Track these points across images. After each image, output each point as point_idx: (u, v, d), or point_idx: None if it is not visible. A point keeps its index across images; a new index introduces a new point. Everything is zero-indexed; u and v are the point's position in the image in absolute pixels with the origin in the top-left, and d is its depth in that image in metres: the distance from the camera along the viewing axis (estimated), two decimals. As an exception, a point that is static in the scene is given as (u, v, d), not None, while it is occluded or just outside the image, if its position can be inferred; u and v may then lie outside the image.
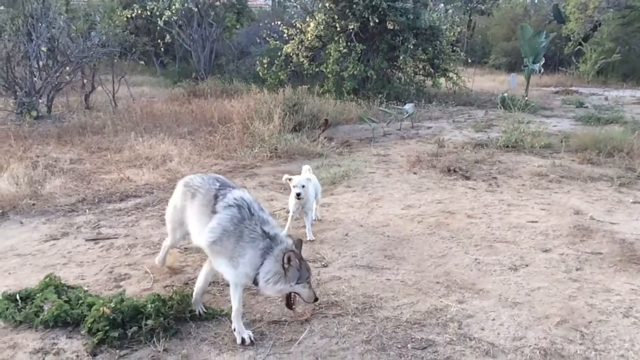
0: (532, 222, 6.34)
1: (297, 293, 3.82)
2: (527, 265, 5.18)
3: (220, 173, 8.40)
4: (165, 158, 9.14)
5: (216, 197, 4.02)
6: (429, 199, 7.25)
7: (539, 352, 3.80)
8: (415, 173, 8.60)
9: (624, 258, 5.28)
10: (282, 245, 3.78)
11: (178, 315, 4.12)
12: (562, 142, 10.27)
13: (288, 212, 6.70)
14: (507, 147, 10.17)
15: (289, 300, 3.94)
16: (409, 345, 3.90)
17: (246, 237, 3.79)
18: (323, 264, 5.29)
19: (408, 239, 5.89)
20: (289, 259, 3.64)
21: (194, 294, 4.25)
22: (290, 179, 5.89)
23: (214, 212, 3.94)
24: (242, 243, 3.78)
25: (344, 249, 5.64)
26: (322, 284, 4.87)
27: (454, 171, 8.52)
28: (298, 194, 5.78)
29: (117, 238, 5.92)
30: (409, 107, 13.28)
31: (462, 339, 3.99)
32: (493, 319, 4.25)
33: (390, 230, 6.15)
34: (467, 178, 8.25)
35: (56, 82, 13.60)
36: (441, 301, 4.53)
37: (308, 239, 5.81)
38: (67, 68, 13.63)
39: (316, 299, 3.94)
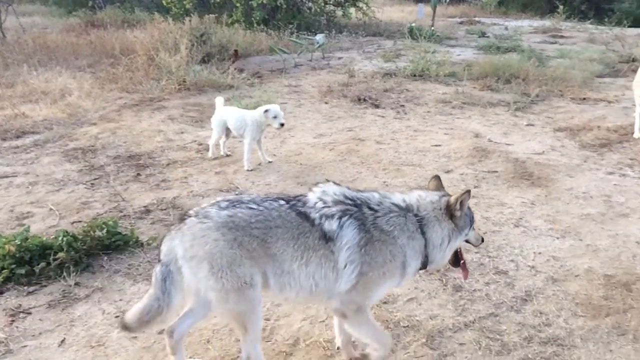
0: (436, 145, 6.67)
1: (467, 241, 3.00)
2: (431, 186, 5.49)
3: (126, 107, 8.10)
4: (63, 92, 8.60)
5: (305, 217, 2.67)
6: (340, 128, 7.40)
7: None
8: (326, 103, 8.68)
9: (517, 175, 5.73)
10: (428, 201, 2.85)
11: (90, 249, 4.04)
12: (465, 70, 10.68)
13: (200, 144, 6.64)
14: (414, 76, 10.46)
15: (458, 255, 3.04)
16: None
17: (394, 234, 2.72)
18: (237, 193, 5.32)
19: (320, 166, 6.03)
20: (461, 204, 2.78)
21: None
22: (267, 110, 5.79)
23: (326, 240, 2.65)
24: (396, 243, 2.72)
25: (258, 178, 5.69)
26: (236, 212, 4.92)
27: (364, 100, 8.69)
28: (282, 124, 5.82)
29: (16, 176, 5.61)
30: (319, 37, 13.18)
31: (371, 255, 4.22)
32: (400, 236, 4.52)
33: (302, 159, 6.26)
34: (377, 106, 8.45)
35: None
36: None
37: (246, 168, 5.94)
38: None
39: (482, 240, 3.13)
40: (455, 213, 2.80)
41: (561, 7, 19.67)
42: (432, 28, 16.07)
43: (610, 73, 11.20)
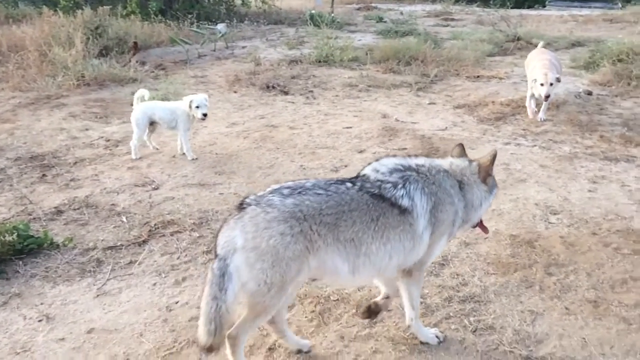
0: (347, 128, 6.87)
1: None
2: (346, 166, 5.68)
3: (21, 106, 7.63)
4: (-53, 95, 7.92)
5: (381, 198, 2.71)
6: (251, 115, 7.41)
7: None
8: (235, 92, 8.64)
9: (425, 150, 6.05)
10: (462, 166, 3.01)
11: (1, 255, 3.83)
12: (367, 54, 11.01)
13: (107, 140, 6.41)
14: (319, 62, 10.63)
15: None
16: (248, 249, 4.13)
17: (451, 194, 2.90)
18: (153, 187, 5.22)
19: (236, 154, 6.03)
20: (492, 167, 3.03)
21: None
22: (191, 100, 5.68)
23: (403, 214, 2.73)
24: (453, 203, 2.90)
25: (174, 170, 5.60)
26: (155, 205, 4.84)
27: (273, 87, 8.74)
28: (205, 115, 5.72)
29: None
30: (221, 27, 13.03)
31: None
32: (321, 216, 4.66)
33: (217, 148, 6.22)
34: (286, 93, 8.54)
35: None
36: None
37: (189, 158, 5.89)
38: None
39: None
40: (487, 176, 3.02)
41: (450, -9, 20.73)
42: (332, 15, 16.35)
43: (499, 52, 12.01)
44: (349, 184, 2.72)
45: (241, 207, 2.59)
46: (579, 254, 4.03)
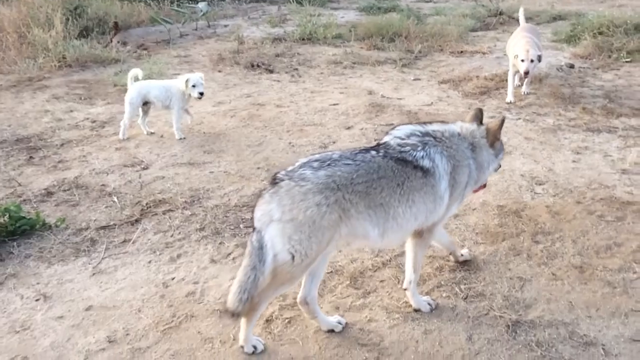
0: (334, 104, 6.90)
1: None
2: (334, 142, 5.72)
3: (2, 89, 7.53)
4: None
5: (404, 162, 2.83)
6: (237, 94, 7.40)
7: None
8: (220, 71, 8.59)
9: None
10: (471, 130, 3.15)
11: (-7, 237, 3.84)
12: (350, 31, 10.97)
13: (93, 122, 6.37)
14: (303, 39, 10.58)
15: None
16: (241, 225, 4.19)
17: (467, 156, 3.06)
18: (143, 166, 5.22)
19: (224, 133, 6.04)
20: (499, 131, 3.18)
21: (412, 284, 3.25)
22: (187, 79, 5.71)
23: (426, 177, 2.87)
24: (469, 165, 3.06)
25: (162, 150, 5.60)
26: (145, 185, 4.85)
27: (257, 66, 8.71)
28: (202, 94, 5.75)
29: None
30: (202, 5, 12.83)
31: (288, 211, 4.38)
32: (312, 191, 4.71)
33: (205, 127, 6.22)
34: (271, 71, 8.51)
35: None
36: (264, 183, 4.84)
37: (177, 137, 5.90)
38: None
39: (499, 166, 3.45)
40: (495, 140, 3.17)
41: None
42: (314, -9, 16.19)
43: (482, 27, 12.03)
44: (373, 152, 2.83)
45: (274, 181, 2.68)
46: (565, 222, 4.14)
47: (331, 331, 3.07)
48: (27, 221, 4.04)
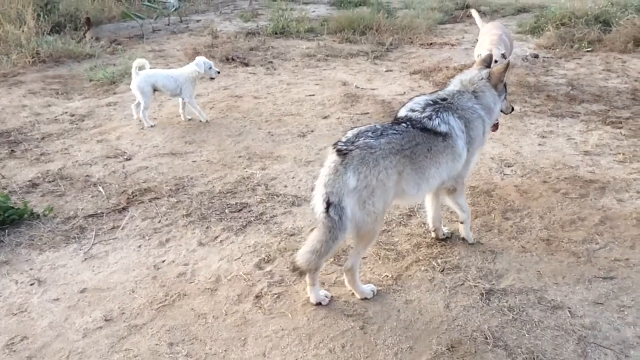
0: (311, 96, 7.07)
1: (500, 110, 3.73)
2: (312, 131, 5.90)
3: (-23, 85, 7.45)
4: None
5: (428, 130, 3.23)
6: (215, 87, 7.51)
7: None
8: (195, 65, 8.66)
9: (386, 114, 6.33)
10: (470, 77, 3.55)
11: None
12: (323, 25, 11.14)
13: (72, 115, 6.42)
14: (277, 33, 10.71)
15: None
16: (226, 211, 4.34)
17: (477, 110, 3.45)
18: (126, 157, 5.32)
19: (204, 124, 6.16)
20: (502, 73, 3.53)
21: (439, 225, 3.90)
22: (205, 62, 6.05)
23: (446, 140, 3.27)
24: (480, 117, 3.45)
25: (144, 142, 5.70)
26: (130, 175, 4.96)
27: (233, 60, 8.81)
28: (218, 72, 6.24)
29: None
30: (173, 0, 12.84)
31: (271, 197, 4.55)
32: (293, 178, 4.89)
33: (184, 119, 6.32)
34: (247, 65, 8.64)
35: None
36: (246, 171, 5.01)
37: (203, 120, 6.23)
38: None
39: (512, 109, 3.94)
40: (499, 82, 3.51)
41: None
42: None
43: (450, 20, 12.34)
44: (404, 125, 3.21)
45: (341, 153, 2.96)
46: (532, 200, 4.41)
47: (319, 304, 3.25)
48: (15, 211, 4.12)
